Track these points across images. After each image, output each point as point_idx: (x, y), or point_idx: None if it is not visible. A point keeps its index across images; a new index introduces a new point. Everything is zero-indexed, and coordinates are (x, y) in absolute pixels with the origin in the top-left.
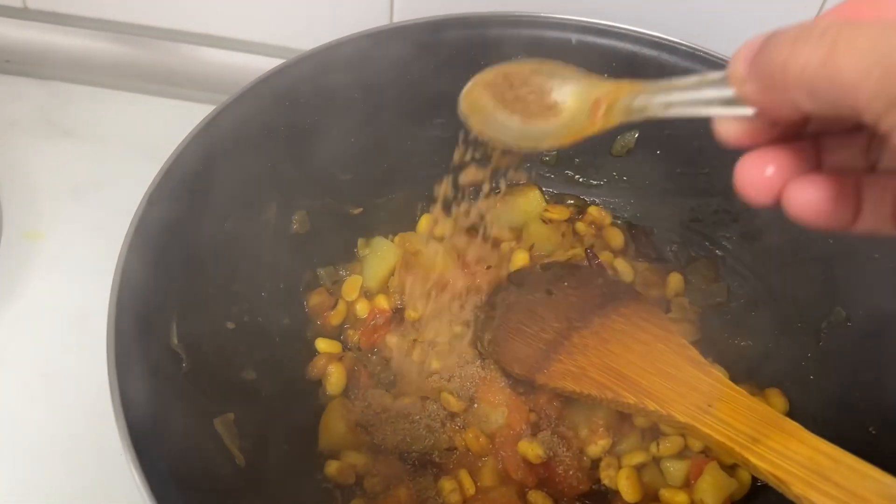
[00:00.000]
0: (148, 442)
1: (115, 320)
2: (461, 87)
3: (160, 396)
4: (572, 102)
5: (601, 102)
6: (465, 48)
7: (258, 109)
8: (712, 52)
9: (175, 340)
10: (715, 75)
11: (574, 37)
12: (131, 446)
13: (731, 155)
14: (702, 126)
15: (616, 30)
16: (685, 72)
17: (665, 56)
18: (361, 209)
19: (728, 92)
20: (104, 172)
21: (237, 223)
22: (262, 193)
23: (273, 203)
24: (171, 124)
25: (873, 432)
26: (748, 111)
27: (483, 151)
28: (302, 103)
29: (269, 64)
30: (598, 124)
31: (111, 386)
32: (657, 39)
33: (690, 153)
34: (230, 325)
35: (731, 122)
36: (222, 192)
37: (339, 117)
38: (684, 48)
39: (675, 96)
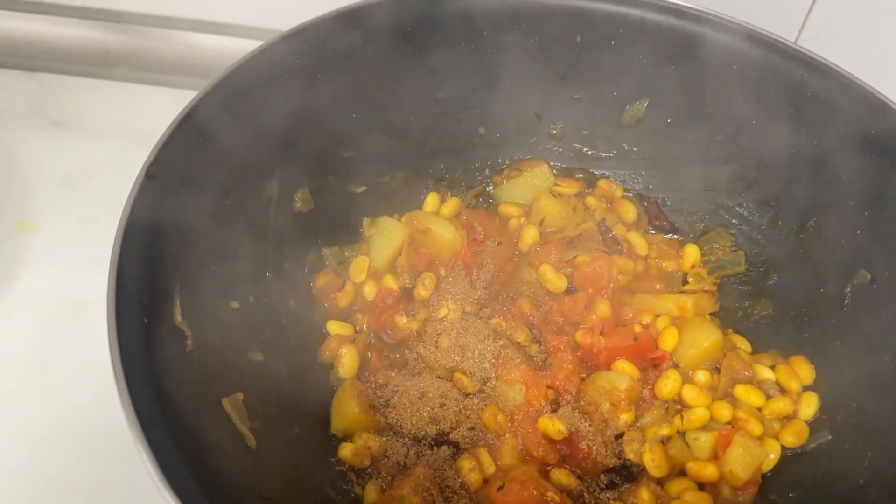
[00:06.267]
0: (155, 423)
1: (116, 298)
2: (460, 59)
3: (167, 376)
4: None
5: None
6: (463, 20)
7: (249, 87)
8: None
9: (179, 318)
10: None
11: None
12: (139, 428)
13: (746, 119)
14: (715, 89)
15: None
16: None
17: None
18: (365, 188)
19: None
20: (95, 162)
21: (238, 201)
22: (262, 171)
23: (274, 181)
24: (163, 111)
25: None
26: None
27: None
28: (296, 79)
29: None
30: None
31: (114, 365)
32: None
33: (703, 119)
34: (234, 305)
35: None
36: (220, 170)
37: (335, 93)
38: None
39: None
